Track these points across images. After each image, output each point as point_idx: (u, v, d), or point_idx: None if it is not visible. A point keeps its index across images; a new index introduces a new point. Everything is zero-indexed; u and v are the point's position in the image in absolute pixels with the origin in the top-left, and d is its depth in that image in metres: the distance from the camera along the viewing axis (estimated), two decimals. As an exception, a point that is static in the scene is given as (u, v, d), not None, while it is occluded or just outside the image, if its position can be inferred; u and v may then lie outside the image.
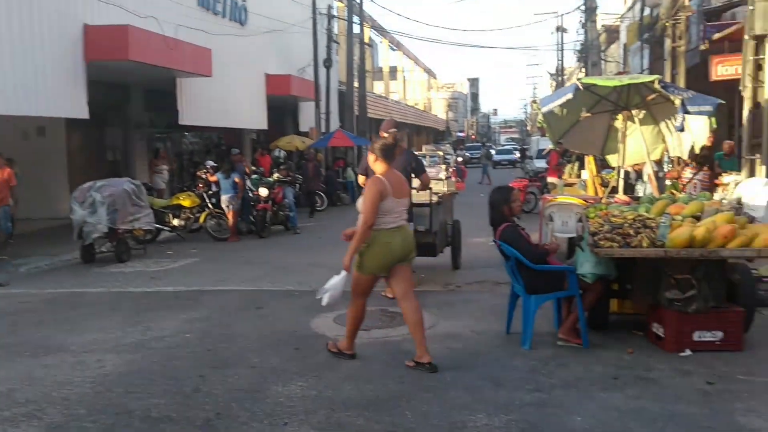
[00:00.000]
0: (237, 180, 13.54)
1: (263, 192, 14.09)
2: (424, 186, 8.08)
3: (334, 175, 22.52)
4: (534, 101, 10.19)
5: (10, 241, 11.25)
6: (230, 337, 6.34)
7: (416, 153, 12.01)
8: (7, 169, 10.94)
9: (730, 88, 13.91)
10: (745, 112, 10.06)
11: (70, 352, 5.86)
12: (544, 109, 8.59)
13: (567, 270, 5.72)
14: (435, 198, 8.82)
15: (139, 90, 18.33)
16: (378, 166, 5.30)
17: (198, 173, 14.80)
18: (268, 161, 20.43)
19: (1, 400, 4.73)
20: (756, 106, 9.86)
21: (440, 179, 10.49)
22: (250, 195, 14.07)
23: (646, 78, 8.46)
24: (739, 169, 10.61)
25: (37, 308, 7.80)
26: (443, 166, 12.82)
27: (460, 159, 32.00)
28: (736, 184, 9.94)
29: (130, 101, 18.27)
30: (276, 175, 15.07)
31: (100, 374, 5.26)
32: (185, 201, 13.83)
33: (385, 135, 6.99)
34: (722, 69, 14.59)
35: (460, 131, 79.60)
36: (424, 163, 9.21)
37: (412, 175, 7.74)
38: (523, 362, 5.37)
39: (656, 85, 7.87)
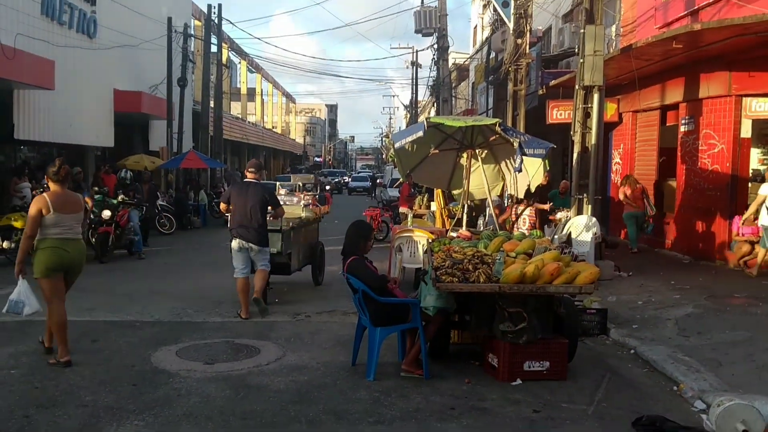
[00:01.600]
0: (87, 199, 12.77)
1: (106, 214, 13.37)
2: (276, 216, 9.05)
3: (185, 198, 21.81)
4: (386, 135, 10.61)
5: None
6: (61, 372, 5.94)
7: (277, 179, 14.42)
8: None
9: (565, 130, 15.15)
10: (575, 155, 10.99)
11: None
12: (397, 145, 8.93)
13: (411, 303, 5.94)
14: (289, 224, 9.72)
15: (-32, 99, 16.84)
16: (52, 187, 6.30)
17: (33, 192, 13.78)
18: (113, 181, 19.41)
19: None
20: (584, 149, 10.81)
21: (299, 207, 11.50)
22: (91, 216, 13.31)
23: (488, 120, 9.06)
24: (570, 207, 11.54)
25: None
26: (302, 195, 13.21)
27: (327, 186, 32.56)
28: (567, 221, 10.83)
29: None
30: (121, 197, 14.36)
31: None
32: (17, 222, 12.77)
33: (250, 171, 8.86)
34: (557, 113, 15.90)
35: (318, 156, 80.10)
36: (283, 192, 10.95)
37: (269, 207, 8.72)
38: (366, 394, 5.49)
39: (497, 128, 8.45)
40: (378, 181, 45.50)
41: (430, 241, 7.81)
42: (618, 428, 4.85)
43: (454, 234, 8.26)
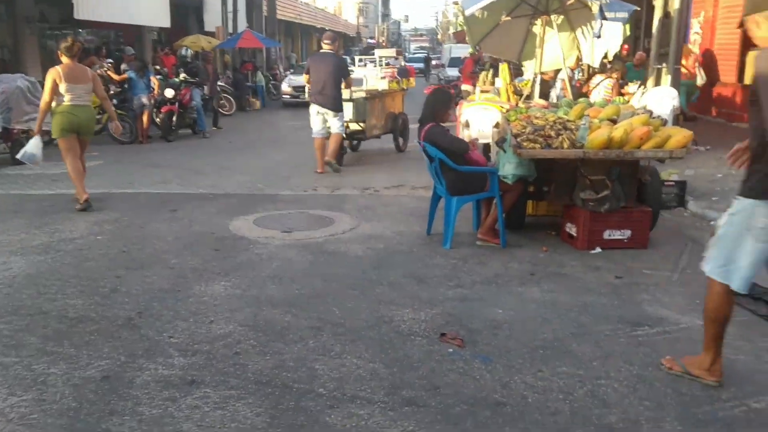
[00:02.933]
0: (153, 79, 12.89)
1: (169, 93, 13.41)
2: (348, 86, 9.85)
3: (243, 79, 21.67)
4: (456, 2, 10.08)
5: None
6: (144, 238, 6.13)
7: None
8: None
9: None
10: (655, 22, 10.28)
11: (-30, 254, 5.51)
12: (467, 12, 8.51)
13: (489, 171, 5.80)
14: (361, 94, 10.68)
15: (26, -21, 16.73)
16: (64, 60, 7.22)
17: (99, 72, 13.83)
18: (172, 62, 19.37)
19: None
20: (666, 15, 10.09)
21: (378, 78, 12.56)
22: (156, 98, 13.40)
23: (568, -18, 8.47)
24: (644, 80, 10.95)
25: (-74, 211, 7.24)
26: (380, 69, 13.46)
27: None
28: (642, 94, 10.31)
29: (15, -8, 16.67)
30: (182, 76, 14.33)
31: (7, 276, 4.98)
32: (85, 102, 12.95)
33: (326, 42, 9.63)
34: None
35: (371, 38, 78.02)
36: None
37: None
38: (444, 260, 5.50)
39: (577, -10, 7.90)
40: (434, 62, 44.21)
41: (503, 112, 7.54)
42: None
43: (529, 105, 7.96)
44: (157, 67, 15.89)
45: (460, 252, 5.72)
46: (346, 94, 9.81)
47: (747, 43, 13.57)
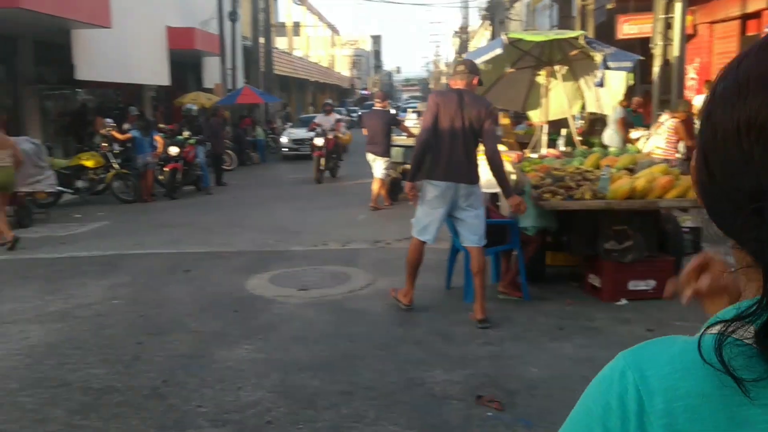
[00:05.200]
0: (158, 138, 12.96)
1: (173, 150, 13.46)
2: (403, 129, 12.36)
3: (243, 134, 21.82)
4: (459, 56, 10.17)
5: None
6: (162, 302, 6.03)
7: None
8: None
9: (635, 46, 14.41)
10: (656, 69, 10.45)
11: (-14, 324, 5.39)
12: (470, 65, 8.58)
13: (509, 223, 5.77)
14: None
15: (29, 42, 16.90)
16: None
17: (102, 131, 13.90)
18: (176, 119, 19.53)
19: None
20: (665, 63, 10.26)
21: None
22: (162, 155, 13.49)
23: (572, 33, 8.61)
24: (646, 125, 11.05)
25: (-65, 279, 7.13)
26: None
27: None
28: (647, 139, 10.38)
29: (18, 54, 16.84)
30: (186, 133, 14.40)
31: (26, 346, 4.87)
32: (88, 161, 12.98)
33: (377, 101, 11.34)
34: (628, 27, 15.09)
35: (364, 89, 79.14)
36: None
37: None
38: (468, 316, 5.40)
39: (581, 41, 8.03)
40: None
41: (511, 162, 7.56)
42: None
43: (534, 155, 7.98)
44: (162, 126, 15.99)
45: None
46: (401, 138, 11.94)
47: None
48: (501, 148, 10.55)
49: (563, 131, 10.14)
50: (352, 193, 12.95)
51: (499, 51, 8.01)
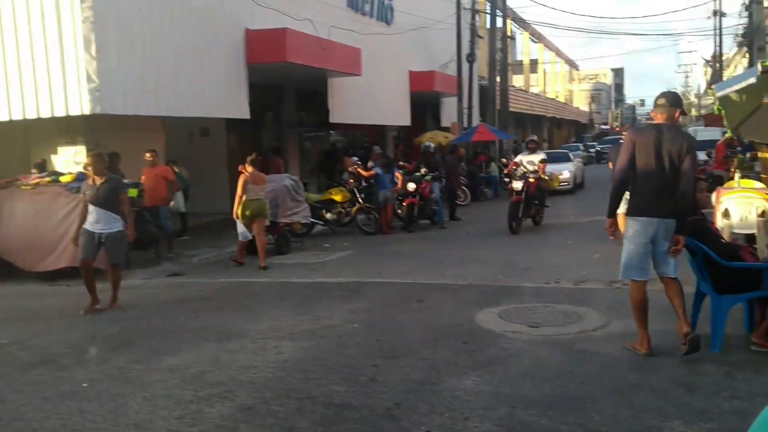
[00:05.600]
0: (398, 175, 13.88)
1: (411, 186, 14.21)
2: None
3: (477, 170, 22.29)
4: (710, 87, 9.52)
5: (185, 237, 12.18)
6: (397, 328, 6.38)
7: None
8: (160, 166, 11.45)
9: None
10: None
11: (249, 338, 6.15)
12: (719, 94, 8.02)
13: (764, 267, 5.22)
14: None
15: (292, 90, 19.07)
16: (248, 168, 10.29)
17: (349, 169, 15.16)
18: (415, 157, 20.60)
19: (195, 381, 5.03)
20: None
21: None
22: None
23: None
24: None
25: (212, 296, 8.29)
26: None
27: None
28: None
29: (284, 101, 19.04)
30: (423, 170, 15.13)
31: (280, 360, 5.46)
32: (337, 196, 14.21)
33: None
34: None
35: (604, 123, 76.29)
36: None
37: None
38: (714, 366, 4.97)
39: None
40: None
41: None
42: None
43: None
44: (401, 163, 16.98)
45: (732, 357, 5.14)
46: None
47: None
48: (757, 185, 9.64)
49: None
50: (587, 229, 12.56)
51: (752, 81, 7.33)
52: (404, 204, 14.34)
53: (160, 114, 11.95)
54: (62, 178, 9.84)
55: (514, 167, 14.03)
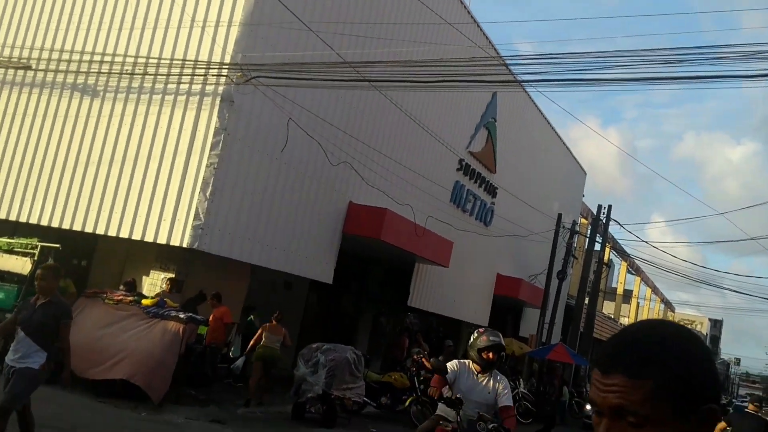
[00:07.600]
0: None
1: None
2: None
3: (549, 391, 21.42)
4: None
5: (240, 384, 12.22)
6: None
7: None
8: (222, 308, 11.69)
9: None
10: None
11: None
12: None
13: None
14: None
15: (378, 266, 19.56)
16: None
17: (414, 356, 14.94)
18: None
19: None
20: None
21: None
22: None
23: None
24: None
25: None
26: None
27: None
28: None
29: (368, 275, 19.49)
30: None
31: None
32: (396, 381, 13.91)
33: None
34: None
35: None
36: None
37: None
38: None
39: None
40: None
41: None
42: None
43: None
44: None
45: None
46: None
47: None
48: None
49: None
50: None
51: None
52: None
53: (251, 262, 12.50)
54: (144, 301, 10.30)
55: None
